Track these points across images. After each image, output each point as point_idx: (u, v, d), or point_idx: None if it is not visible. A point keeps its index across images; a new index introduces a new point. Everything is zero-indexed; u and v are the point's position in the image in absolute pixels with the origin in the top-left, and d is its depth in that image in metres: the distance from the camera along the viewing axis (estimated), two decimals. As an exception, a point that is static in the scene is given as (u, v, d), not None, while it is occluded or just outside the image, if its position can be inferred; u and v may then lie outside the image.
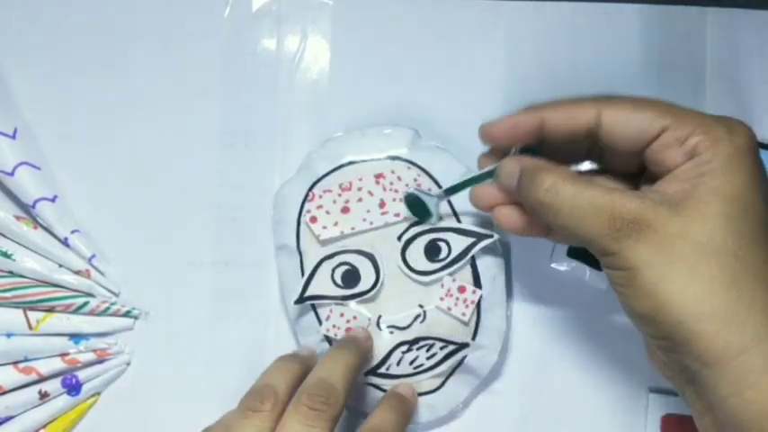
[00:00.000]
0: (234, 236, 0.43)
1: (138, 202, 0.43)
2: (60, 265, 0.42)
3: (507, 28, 0.44)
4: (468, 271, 0.40)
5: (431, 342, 0.40)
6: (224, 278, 0.43)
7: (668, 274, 0.28)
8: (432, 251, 0.40)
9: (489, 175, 0.36)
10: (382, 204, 0.40)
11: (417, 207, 0.40)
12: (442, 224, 0.40)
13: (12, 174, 0.41)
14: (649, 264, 0.28)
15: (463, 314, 0.40)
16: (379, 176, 0.40)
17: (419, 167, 0.41)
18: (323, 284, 0.40)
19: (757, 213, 0.29)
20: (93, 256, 0.42)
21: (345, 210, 0.40)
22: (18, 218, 0.42)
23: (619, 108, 0.32)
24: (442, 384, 0.41)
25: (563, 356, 0.42)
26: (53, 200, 0.42)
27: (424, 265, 0.40)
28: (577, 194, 0.30)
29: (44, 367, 0.41)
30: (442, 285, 0.40)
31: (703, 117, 0.30)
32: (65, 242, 0.42)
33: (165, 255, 0.43)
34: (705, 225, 0.28)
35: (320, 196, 0.40)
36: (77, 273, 0.42)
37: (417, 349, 0.40)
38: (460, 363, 0.40)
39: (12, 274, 0.42)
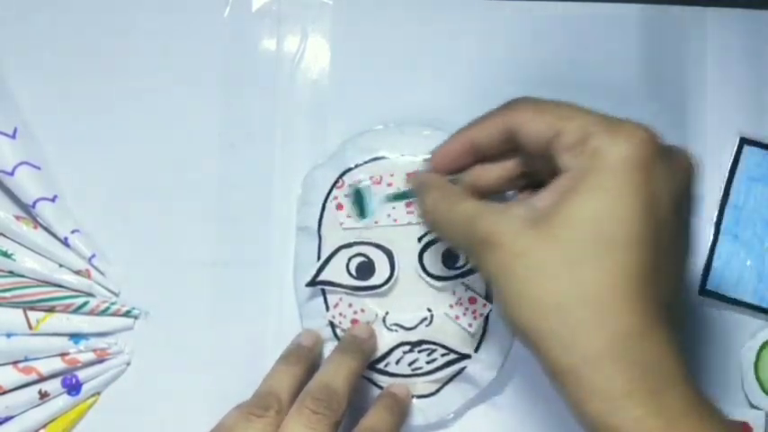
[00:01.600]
0: (234, 236, 0.43)
1: (138, 202, 0.43)
2: (60, 265, 0.42)
3: (507, 28, 0.44)
4: (481, 283, 0.40)
5: (433, 347, 0.40)
6: (224, 278, 0.42)
7: (505, 291, 0.29)
8: (449, 258, 0.40)
9: None
10: (409, 203, 0.40)
11: (358, 201, 0.41)
12: None
13: (12, 174, 0.41)
14: (494, 279, 0.30)
15: (470, 325, 0.40)
16: (410, 175, 0.40)
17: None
18: (337, 272, 0.40)
19: (616, 237, 0.27)
20: (93, 255, 0.42)
21: None
22: (18, 218, 0.42)
23: (522, 112, 0.32)
24: (438, 391, 0.41)
25: None
26: (53, 200, 0.42)
27: (440, 270, 0.40)
28: (450, 210, 0.32)
29: (44, 367, 0.41)
30: (454, 293, 0.40)
31: (598, 122, 0.29)
32: (65, 242, 0.42)
33: (165, 255, 0.43)
34: (543, 247, 0.28)
35: (350, 185, 0.41)
36: (77, 273, 0.42)
37: (419, 352, 0.40)
38: (459, 372, 0.40)
39: (12, 273, 0.42)
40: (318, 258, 0.41)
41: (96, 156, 0.43)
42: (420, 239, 0.40)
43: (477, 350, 0.40)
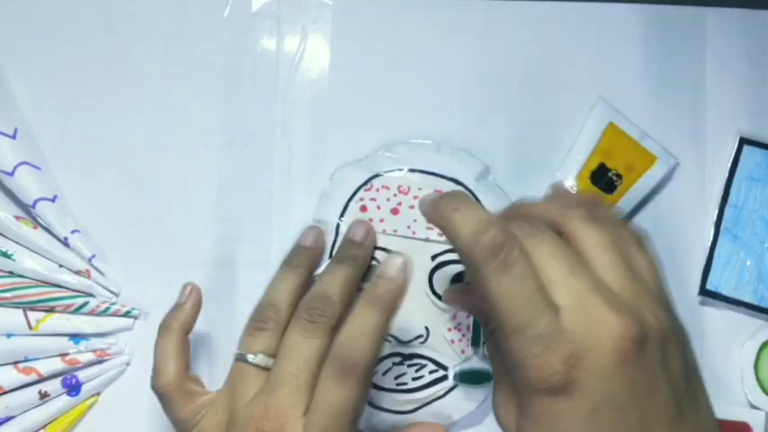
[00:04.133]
0: (234, 236, 0.43)
1: (137, 202, 0.43)
2: (60, 265, 0.42)
3: (508, 27, 0.44)
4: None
5: (423, 362, 0.40)
6: (224, 278, 0.43)
7: None
8: (459, 281, 0.40)
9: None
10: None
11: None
12: None
13: (12, 174, 0.41)
14: None
15: (463, 351, 0.40)
16: (438, 192, 0.40)
17: (478, 201, 0.41)
18: None
19: None
20: (93, 256, 0.42)
21: (395, 211, 0.41)
22: (18, 218, 0.42)
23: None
24: (414, 410, 0.40)
25: None
26: (53, 200, 0.42)
27: None
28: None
29: (44, 367, 0.41)
30: (455, 317, 0.40)
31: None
32: (65, 242, 0.42)
33: (165, 255, 0.43)
34: None
35: (377, 190, 0.41)
36: (77, 273, 0.42)
37: (408, 366, 0.40)
38: (439, 398, 0.40)
39: (12, 274, 0.42)
40: (331, 253, 0.41)
41: (96, 156, 0.43)
42: (434, 258, 0.40)
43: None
